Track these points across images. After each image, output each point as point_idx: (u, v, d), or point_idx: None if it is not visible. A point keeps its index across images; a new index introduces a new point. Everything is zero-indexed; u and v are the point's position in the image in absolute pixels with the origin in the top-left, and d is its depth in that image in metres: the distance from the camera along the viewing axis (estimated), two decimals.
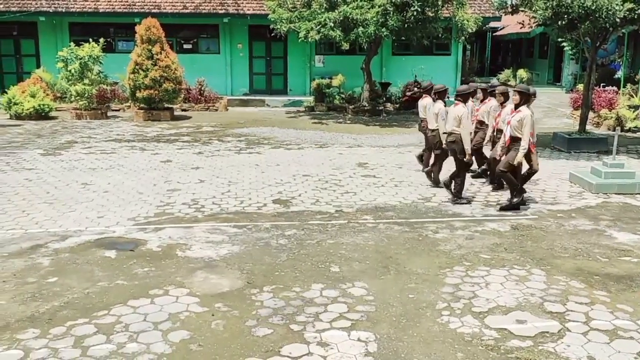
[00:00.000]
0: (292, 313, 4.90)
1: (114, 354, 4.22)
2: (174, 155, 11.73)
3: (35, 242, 6.56)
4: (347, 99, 19.84)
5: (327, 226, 7.28)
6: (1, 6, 19.99)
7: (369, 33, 16.07)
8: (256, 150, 12.48)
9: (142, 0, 20.69)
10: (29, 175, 9.83)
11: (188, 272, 5.76)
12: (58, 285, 5.39)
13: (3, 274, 5.64)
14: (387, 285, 5.51)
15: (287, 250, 6.41)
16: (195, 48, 21.89)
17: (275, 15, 17.61)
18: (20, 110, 16.64)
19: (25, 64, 21.37)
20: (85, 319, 4.73)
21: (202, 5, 20.74)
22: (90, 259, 6.09)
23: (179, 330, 4.59)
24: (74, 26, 20.96)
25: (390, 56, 22.18)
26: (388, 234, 7.03)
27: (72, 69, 16.68)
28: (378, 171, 10.48)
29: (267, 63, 22.35)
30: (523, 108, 7.84)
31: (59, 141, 13.27)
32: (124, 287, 5.38)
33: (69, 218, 7.47)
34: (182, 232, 6.99)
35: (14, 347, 4.29)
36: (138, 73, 16.58)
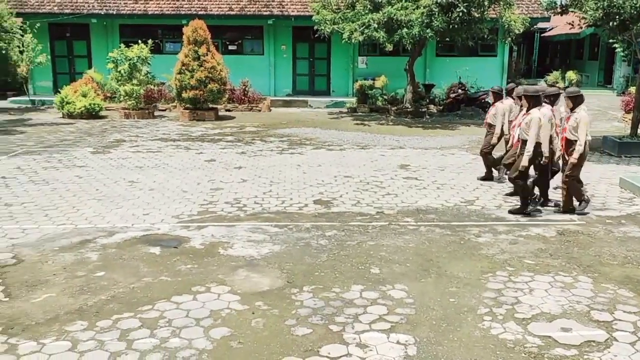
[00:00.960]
0: (331, 313, 4.92)
1: (157, 348, 4.32)
2: (218, 155, 11.92)
3: (84, 237, 6.77)
4: (389, 101, 19.74)
5: (367, 227, 7.27)
6: (55, 8, 20.72)
7: (413, 34, 15.95)
8: (298, 150, 12.56)
9: (189, 3, 21.11)
10: (79, 172, 10.16)
11: (230, 270, 5.84)
12: (105, 280, 5.56)
13: (54, 267, 5.85)
14: (427, 289, 5.46)
15: (328, 250, 6.43)
16: (240, 49, 22.19)
17: (319, 17, 17.67)
18: (72, 110, 17.21)
19: (78, 64, 22.09)
20: (130, 313, 4.86)
21: (248, 7, 21.01)
22: (135, 254, 6.25)
23: (220, 327, 4.66)
24: (124, 28, 21.55)
25: (434, 57, 21.97)
26: (429, 236, 6.96)
27: (121, 69, 17.15)
28: (420, 173, 10.39)
29: (310, 64, 22.45)
30: (533, 110, 7.60)
31: (108, 140, 13.66)
32: (168, 283, 5.50)
33: (116, 214, 7.68)
34: (224, 230, 7.10)
35: (62, 338, 4.44)
36: (184, 74, 16.91)
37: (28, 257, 6.11)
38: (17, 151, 12.04)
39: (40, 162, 10.93)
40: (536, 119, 7.47)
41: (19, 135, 14.08)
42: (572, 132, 7.62)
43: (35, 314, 4.81)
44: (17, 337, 4.43)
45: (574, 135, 7.60)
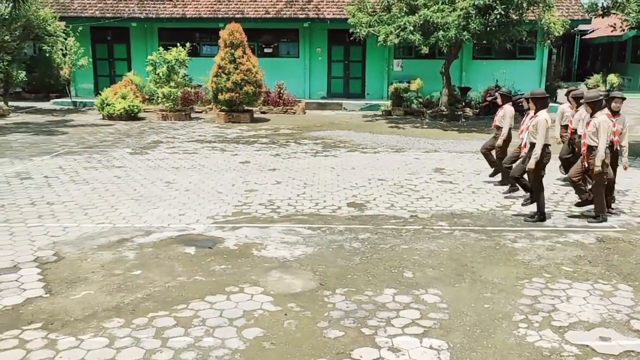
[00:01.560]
0: (363, 317, 4.90)
1: (191, 347, 4.38)
2: (252, 157, 12.02)
3: (122, 236, 6.92)
4: (424, 104, 19.60)
5: (401, 231, 7.22)
6: (97, 12, 21.26)
7: (450, 37, 15.81)
8: (332, 153, 12.57)
9: (226, 6, 21.39)
10: (118, 172, 10.38)
11: (263, 271, 5.88)
12: (141, 278, 5.66)
13: (93, 265, 5.99)
14: (461, 294, 5.40)
15: (361, 253, 6.42)
16: (276, 52, 22.35)
17: (354, 19, 17.68)
18: (112, 111, 17.61)
19: (118, 67, 22.61)
20: (165, 312, 4.94)
21: (284, 10, 21.16)
22: (171, 254, 6.35)
23: (252, 328, 4.70)
24: (163, 31, 21.95)
25: (470, 60, 21.72)
26: (464, 241, 6.88)
27: (160, 72, 17.48)
28: (455, 177, 10.28)
29: (345, 67, 22.46)
30: (540, 113, 7.45)
31: (145, 141, 13.92)
32: (202, 283, 5.57)
33: (152, 214, 7.83)
34: (258, 231, 7.16)
35: (100, 334, 4.54)
36: (220, 76, 17.12)
37: (68, 254, 6.27)
38: (59, 151, 12.39)
39: (80, 162, 11.22)
40: (542, 121, 7.33)
41: (61, 136, 14.48)
42: (592, 137, 7.44)
43: (74, 310, 4.94)
44: (57, 332, 4.56)
45: (594, 140, 7.41)
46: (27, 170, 10.48)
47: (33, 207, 8.05)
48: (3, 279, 5.56)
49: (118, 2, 21.64)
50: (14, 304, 5.05)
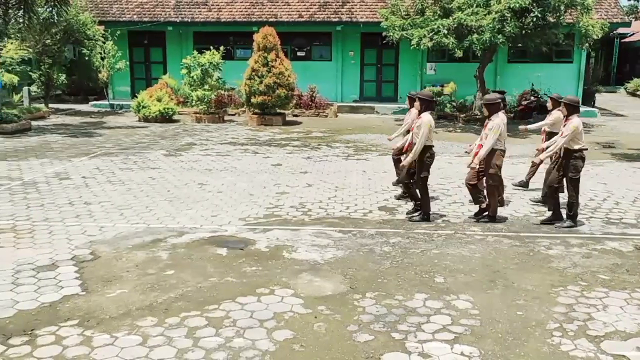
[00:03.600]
0: (394, 321, 4.88)
1: (222, 347, 4.43)
2: (284, 159, 12.09)
3: (155, 236, 7.04)
4: (458, 108, 19.42)
5: (432, 236, 7.17)
6: (135, 17, 21.70)
7: (484, 40, 15.64)
8: (364, 156, 12.55)
9: (260, 10, 21.58)
10: (152, 174, 10.56)
11: (293, 274, 5.91)
12: (174, 278, 5.75)
13: (127, 264, 6.11)
14: (493, 300, 5.33)
15: (391, 257, 6.39)
16: (309, 55, 22.44)
17: (388, 23, 17.64)
18: (147, 113, 17.94)
19: (154, 70, 23.03)
20: (197, 312, 5.00)
21: (317, 13, 21.24)
22: (203, 255, 6.43)
23: (283, 330, 4.72)
24: (198, 35, 22.27)
25: (505, 63, 21.43)
26: (496, 247, 6.79)
27: (194, 75, 17.74)
28: None
29: (377, 70, 22.42)
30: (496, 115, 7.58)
31: (179, 143, 14.13)
32: (233, 284, 5.63)
33: (186, 215, 7.94)
34: (289, 234, 7.19)
35: (133, 332, 4.63)
36: (254, 79, 17.28)
37: (104, 253, 6.41)
38: (96, 152, 12.67)
39: (117, 164, 11.46)
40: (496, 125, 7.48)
41: (98, 138, 14.81)
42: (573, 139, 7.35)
43: (109, 309, 5.04)
44: (92, 329, 4.66)
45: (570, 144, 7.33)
46: (66, 170, 10.75)
47: (71, 207, 8.25)
48: (42, 277, 5.72)
49: (155, 7, 22.04)
50: (52, 301, 5.19)
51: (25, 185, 9.56)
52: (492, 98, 7.82)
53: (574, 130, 7.22)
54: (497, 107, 7.68)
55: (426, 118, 7.48)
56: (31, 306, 5.07)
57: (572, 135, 7.24)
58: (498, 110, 7.64)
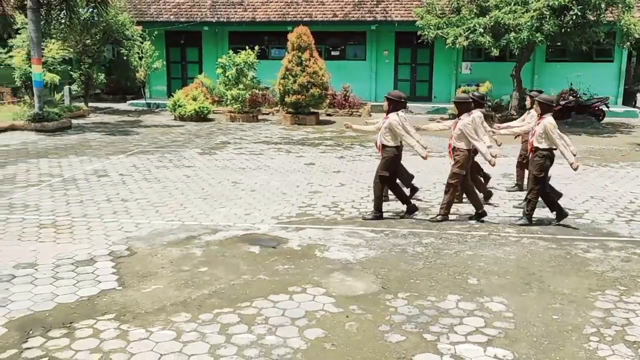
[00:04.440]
0: (426, 322, 4.85)
1: (254, 344, 4.46)
2: (317, 159, 12.11)
3: (190, 233, 7.14)
4: (494, 107, 19.14)
5: (466, 237, 7.09)
6: (172, 17, 22.05)
7: (522, 38, 15.38)
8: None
9: (295, 9, 21.67)
10: (187, 172, 10.72)
11: (325, 273, 5.92)
12: (208, 275, 5.82)
13: (162, 260, 6.22)
14: (528, 303, 5.24)
15: (424, 258, 6.35)
16: (343, 55, 22.44)
17: (423, 22, 17.51)
18: (183, 112, 18.21)
19: (190, 69, 23.37)
20: (230, 309, 5.06)
21: (351, 13, 21.21)
22: (236, 252, 6.50)
23: (314, 328, 4.74)
24: (233, 35, 22.51)
25: (543, 62, 21.05)
26: (532, 249, 6.68)
27: (229, 74, 17.93)
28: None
29: (412, 70, 22.28)
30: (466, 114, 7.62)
31: (214, 141, 14.30)
32: (266, 282, 5.67)
33: (219, 213, 8.03)
34: (321, 233, 7.21)
35: (168, 328, 4.71)
36: (288, 79, 17.36)
37: (140, 249, 6.54)
38: (133, 150, 12.92)
39: (153, 161, 11.67)
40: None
41: (135, 136, 15.10)
42: (538, 139, 7.36)
43: (145, 304, 5.14)
44: (128, 324, 4.76)
45: (539, 142, 7.33)
46: (104, 168, 11.00)
47: (109, 204, 8.44)
48: (80, 271, 5.86)
49: (192, 7, 22.35)
50: (90, 295, 5.31)
51: (65, 181, 9.82)
52: (463, 97, 7.89)
53: (553, 129, 7.21)
54: (468, 107, 7.71)
55: (392, 118, 7.56)
56: (70, 300, 5.20)
57: (556, 133, 7.23)
58: (469, 110, 7.67)
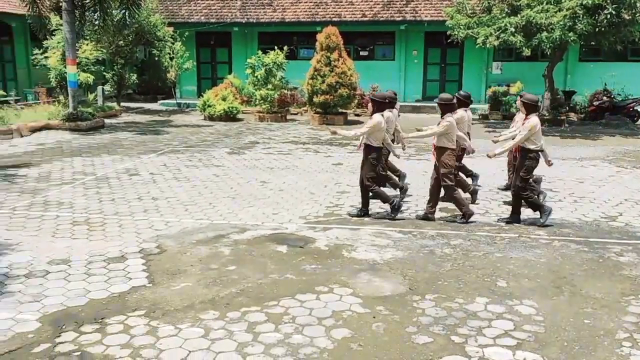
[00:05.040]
0: (453, 324, 4.81)
1: (281, 343, 4.49)
2: (345, 159, 12.10)
3: (218, 232, 7.21)
4: None
5: (495, 239, 7.01)
6: (202, 18, 22.29)
7: (554, 38, 15.11)
8: (425, 157, 12.40)
9: (324, 10, 21.69)
10: (216, 171, 10.83)
11: (352, 273, 5.92)
12: (236, 274, 5.88)
13: (191, 259, 6.30)
14: (559, 307, 5.15)
15: (452, 260, 6.30)
16: (371, 55, 22.38)
17: (453, 21, 17.35)
18: (212, 112, 18.40)
19: (219, 70, 23.59)
20: (257, 307, 5.10)
21: (381, 12, 21.14)
22: (264, 252, 6.54)
23: (341, 328, 4.74)
24: (262, 35, 22.64)
25: (576, 62, 20.66)
26: (563, 252, 6.56)
27: (258, 74, 18.05)
28: (555, 185, 9.82)
29: (441, 70, 22.10)
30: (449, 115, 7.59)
31: (243, 141, 14.41)
32: (293, 281, 5.70)
33: (248, 213, 8.09)
34: (348, 233, 7.21)
35: (196, 325, 4.77)
36: (316, 79, 17.40)
37: (170, 247, 6.63)
38: (164, 150, 13.11)
39: (183, 161, 11.81)
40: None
41: (166, 135, 15.31)
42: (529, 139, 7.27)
43: (174, 301, 5.21)
44: (158, 320, 4.83)
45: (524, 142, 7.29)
46: (136, 167, 11.18)
47: (139, 202, 8.58)
48: (112, 268, 5.98)
49: (222, 8, 22.56)
50: (121, 291, 5.41)
51: (97, 180, 10.01)
52: (447, 98, 7.82)
53: (531, 129, 7.17)
54: (452, 108, 7.73)
55: (375, 119, 7.57)
56: (102, 296, 5.31)
57: (530, 134, 7.19)
58: (452, 110, 7.72)
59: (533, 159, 7.31)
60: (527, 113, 7.44)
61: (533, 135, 7.21)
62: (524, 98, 7.56)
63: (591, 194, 9.24)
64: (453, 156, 7.61)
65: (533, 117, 7.30)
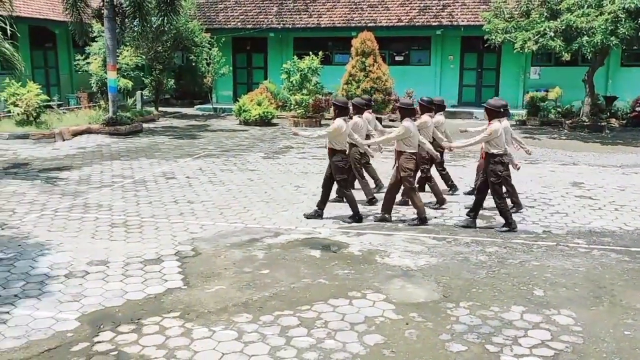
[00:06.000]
0: (488, 333, 4.74)
1: (313, 347, 4.50)
2: (379, 164, 12.03)
3: (252, 236, 7.27)
4: (563, 113, 18.49)
5: (532, 246, 6.88)
6: (239, 24, 22.56)
7: (595, 42, 14.76)
8: (460, 163, 12.27)
9: (360, 15, 21.69)
10: (251, 175, 10.92)
11: (385, 279, 5.89)
12: (269, 277, 5.91)
13: (225, 262, 6.36)
14: (598, 317, 5.03)
15: (487, 267, 6.20)
16: (407, 60, 22.26)
17: (490, 26, 17.14)
18: (248, 117, 18.58)
19: (255, 75, 23.81)
20: (290, 311, 5.12)
21: (417, 17, 21.03)
22: (297, 256, 6.56)
23: (373, 334, 4.72)
24: (298, 41, 22.76)
25: (618, 67, 20.14)
26: (603, 261, 6.40)
27: (293, 80, 18.14)
28: (595, 192, 9.59)
29: (477, 75, 21.83)
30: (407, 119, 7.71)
31: (277, 146, 14.51)
32: (325, 286, 5.70)
33: (282, 217, 8.14)
34: (382, 239, 7.18)
35: (230, 328, 4.82)
36: (351, 84, 17.40)
37: (204, 250, 6.72)
38: (200, 154, 13.30)
39: (218, 165, 11.96)
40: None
41: (202, 140, 15.53)
42: (487, 146, 7.38)
43: (208, 303, 5.28)
44: (192, 322, 4.90)
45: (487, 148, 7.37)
46: (172, 170, 11.37)
47: (175, 205, 8.72)
48: (148, 269, 6.09)
49: (258, 14, 22.79)
50: (157, 293, 5.51)
51: (135, 183, 10.22)
52: (407, 103, 8.09)
53: (491, 134, 7.24)
54: (412, 112, 7.92)
55: (336, 123, 7.75)
56: (138, 297, 5.41)
57: (489, 138, 7.27)
58: (412, 115, 7.91)
59: (497, 162, 7.33)
60: (489, 118, 7.55)
61: (494, 140, 7.26)
62: (486, 104, 7.70)
63: (632, 202, 8.98)
64: (412, 160, 7.71)
65: (495, 123, 7.36)
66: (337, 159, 7.84)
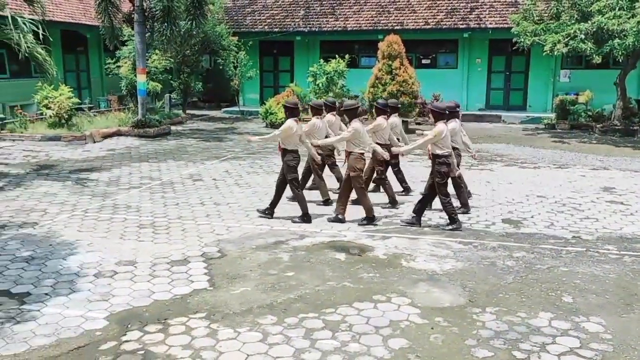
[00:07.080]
0: (515, 339, 4.68)
1: (337, 351, 4.49)
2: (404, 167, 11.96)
3: (278, 238, 7.30)
4: (594, 117, 18.15)
5: (561, 252, 6.77)
6: (266, 27, 22.71)
7: (627, 45, 14.48)
8: (488, 167, 12.14)
9: (386, 18, 21.64)
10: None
11: (411, 283, 5.86)
12: (294, 280, 5.93)
13: (251, 264, 6.40)
14: (629, 325, 4.92)
15: (514, 272, 6.13)
16: (434, 63, 22.12)
17: (519, 28, 16.94)
18: (274, 120, 18.66)
19: (281, 78, 23.93)
20: (314, 314, 5.12)
21: (444, 20, 20.89)
22: (322, 259, 6.57)
23: (398, 338, 4.70)
24: (324, 44, 22.81)
25: None
26: (634, 268, 6.26)
27: (319, 83, 18.18)
28: (627, 197, 9.39)
29: (506, 78, 21.59)
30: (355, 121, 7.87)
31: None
32: (350, 289, 5.69)
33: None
34: (407, 242, 7.14)
35: (254, 329, 4.84)
36: (377, 87, 17.35)
37: (230, 252, 6.77)
38: (226, 156, 13.41)
39: (244, 167, 12.04)
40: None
41: (228, 142, 15.66)
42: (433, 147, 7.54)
43: (233, 305, 5.32)
44: (218, 323, 4.94)
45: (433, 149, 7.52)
46: (199, 172, 11.49)
47: (202, 207, 8.81)
48: (175, 270, 6.16)
49: (285, 18, 22.91)
50: (183, 293, 5.57)
51: (163, 185, 10.35)
52: (350, 104, 8.22)
53: (436, 135, 7.41)
54: (354, 113, 7.94)
55: (287, 124, 7.93)
56: (165, 297, 5.48)
57: (433, 140, 7.45)
58: (356, 117, 7.92)
59: (442, 163, 7.49)
60: (435, 120, 7.64)
61: (440, 141, 7.42)
62: (431, 105, 7.89)
63: None
64: (361, 160, 7.84)
65: (440, 124, 7.50)
66: (288, 159, 8.04)
